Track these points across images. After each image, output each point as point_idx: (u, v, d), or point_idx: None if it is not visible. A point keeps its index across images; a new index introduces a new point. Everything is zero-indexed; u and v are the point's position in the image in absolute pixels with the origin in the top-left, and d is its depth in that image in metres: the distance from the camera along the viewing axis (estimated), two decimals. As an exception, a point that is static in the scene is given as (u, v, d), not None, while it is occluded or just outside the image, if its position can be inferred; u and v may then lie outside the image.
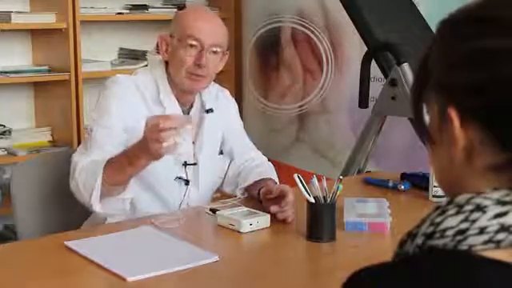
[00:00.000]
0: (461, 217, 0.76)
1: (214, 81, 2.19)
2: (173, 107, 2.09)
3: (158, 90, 2.08)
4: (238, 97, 4.14)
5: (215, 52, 2.07)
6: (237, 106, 2.37)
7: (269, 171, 2.23)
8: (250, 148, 2.32)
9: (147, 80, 2.10)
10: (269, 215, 1.89)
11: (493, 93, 0.77)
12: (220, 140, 2.25)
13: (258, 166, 2.24)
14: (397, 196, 2.19)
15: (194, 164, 2.13)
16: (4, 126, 3.58)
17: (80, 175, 1.92)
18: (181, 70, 2.05)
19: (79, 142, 3.50)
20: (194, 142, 2.14)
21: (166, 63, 2.12)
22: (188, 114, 2.15)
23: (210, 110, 2.17)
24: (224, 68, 2.20)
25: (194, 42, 2.04)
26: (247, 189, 2.17)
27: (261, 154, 2.33)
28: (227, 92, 2.33)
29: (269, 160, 2.33)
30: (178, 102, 2.11)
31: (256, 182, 2.14)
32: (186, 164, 2.11)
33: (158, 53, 2.19)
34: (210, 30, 2.07)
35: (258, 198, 2.06)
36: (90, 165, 1.91)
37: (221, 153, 2.26)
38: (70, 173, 1.97)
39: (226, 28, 2.16)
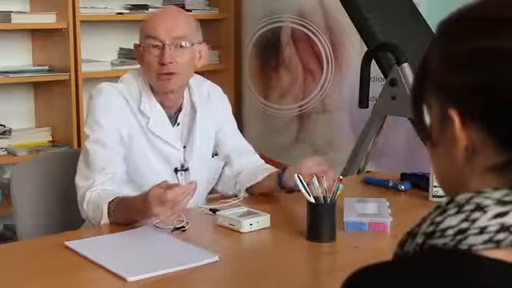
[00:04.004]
0: (461, 216, 0.76)
1: (209, 78, 2.13)
2: (157, 115, 2.07)
3: (141, 100, 2.06)
4: (238, 97, 4.14)
5: (182, 46, 2.02)
6: (229, 105, 2.33)
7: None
8: (248, 150, 2.29)
9: (131, 88, 2.07)
10: (269, 215, 1.89)
11: (493, 93, 0.76)
12: (213, 141, 2.22)
13: (264, 165, 2.24)
14: (397, 196, 2.19)
15: (186, 170, 2.11)
16: (4, 126, 3.58)
17: (88, 208, 1.94)
18: (151, 73, 2.03)
19: (79, 142, 3.50)
20: (184, 147, 2.12)
21: None
22: (176, 119, 2.11)
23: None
24: (224, 68, 2.18)
25: (155, 42, 2.01)
26: (255, 186, 2.16)
27: (259, 157, 2.32)
28: (219, 89, 2.29)
29: (269, 160, 2.33)
30: (164, 107, 2.08)
31: (271, 174, 2.13)
32: (176, 170, 2.10)
33: None
34: (168, 25, 2.02)
35: (278, 182, 2.07)
36: (97, 199, 1.92)
37: (216, 154, 2.23)
38: (78, 200, 1.98)
39: (193, 19, 2.10)
